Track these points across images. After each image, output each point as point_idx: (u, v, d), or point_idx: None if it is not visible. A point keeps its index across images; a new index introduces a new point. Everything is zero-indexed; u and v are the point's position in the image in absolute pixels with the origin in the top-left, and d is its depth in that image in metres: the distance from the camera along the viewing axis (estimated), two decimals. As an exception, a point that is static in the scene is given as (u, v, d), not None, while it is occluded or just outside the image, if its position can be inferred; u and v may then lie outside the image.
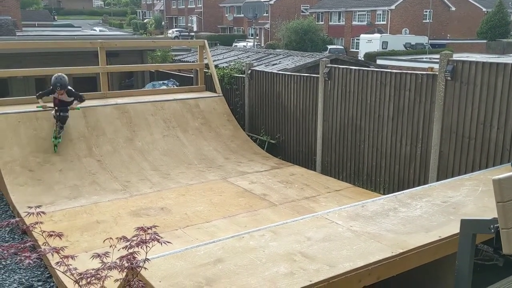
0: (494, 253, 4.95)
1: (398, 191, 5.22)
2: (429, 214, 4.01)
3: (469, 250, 2.86)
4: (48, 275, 5.21)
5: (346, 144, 8.04)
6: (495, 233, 2.65)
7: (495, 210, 2.59)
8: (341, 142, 8.12)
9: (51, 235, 2.94)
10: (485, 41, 42.64)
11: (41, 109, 7.92)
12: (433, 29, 46.65)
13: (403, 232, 3.64)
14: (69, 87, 7.98)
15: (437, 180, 6.22)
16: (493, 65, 5.86)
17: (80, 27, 32.68)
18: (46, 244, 2.88)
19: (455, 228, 3.45)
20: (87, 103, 8.99)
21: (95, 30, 41.01)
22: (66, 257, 2.79)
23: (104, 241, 2.99)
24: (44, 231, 2.94)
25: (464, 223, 2.87)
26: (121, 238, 2.87)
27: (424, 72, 6.92)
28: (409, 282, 3.91)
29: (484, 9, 51.93)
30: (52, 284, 5.05)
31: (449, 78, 6.27)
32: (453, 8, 51.06)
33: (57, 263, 2.86)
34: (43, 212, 3.04)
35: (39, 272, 5.29)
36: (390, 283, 3.53)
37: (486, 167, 5.89)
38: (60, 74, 7.93)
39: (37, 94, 8.09)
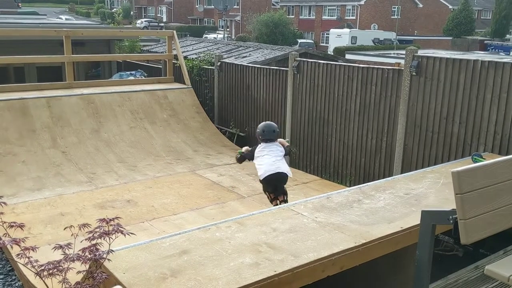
0: (454, 244, 5.12)
1: (363, 183, 5.31)
2: (391, 205, 4.10)
3: (429, 240, 2.93)
4: (10, 268, 5.10)
5: (314, 138, 8.12)
6: (454, 224, 2.73)
7: (455, 202, 2.67)
8: (309, 136, 8.20)
9: (11, 226, 2.87)
10: (450, 38, 43.65)
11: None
12: (401, 25, 47.50)
13: (366, 223, 3.71)
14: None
15: (401, 173, 6.36)
16: (456, 61, 6.02)
17: (46, 15, 31.73)
18: (6, 235, 2.81)
19: (416, 219, 3.53)
20: (51, 92, 8.79)
21: (61, 18, 40.01)
22: (27, 248, 2.74)
23: (65, 228, 2.94)
24: (4, 222, 2.87)
25: (424, 214, 2.95)
26: (83, 225, 2.83)
27: (390, 67, 7.04)
28: (371, 271, 3.99)
29: (450, 7, 53.10)
30: (14, 277, 4.94)
31: (414, 73, 6.40)
32: (421, 5, 52.07)
33: (18, 255, 2.80)
34: (4, 203, 2.97)
35: (1, 266, 5.16)
36: (354, 273, 3.60)
37: (448, 160, 6.06)
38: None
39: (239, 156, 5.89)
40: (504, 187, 2.86)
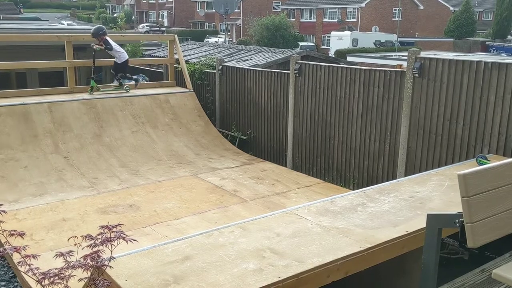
0: (460, 247, 5.07)
1: (367, 186, 5.27)
2: (396, 209, 4.06)
3: (435, 244, 2.89)
4: (12, 274, 5.07)
5: (316, 140, 8.08)
6: (460, 227, 2.70)
7: (460, 205, 2.63)
8: (312, 138, 8.16)
9: (12, 234, 2.84)
10: (452, 39, 43.62)
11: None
12: (402, 27, 47.51)
13: (371, 227, 3.67)
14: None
15: (405, 176, 6.31)
16: (459, 63, 5.98)
17: (47, 20, 31.80)
18: (7, 243, 2.78)
19: (421, 223, 3.50)
20: (53, 98, 8.79)
21: (62, 23, 40.08)
22: (28, 256, 2.70)
23: (69, 239, 2.91)
24: (5, 230, 2.84)
25: (430, 217, 2.91)
26: (86, 236, 2.80)
27: (393, 69, 7.01)
28: (377, 276, 3.95)
29: (451, 8, 53.10)
30: (16, 284, 4.92)
31: (416, 75, 6.36)
32: (422, 7, 52.07)
33: (19, 262, 2.77)
34: (3, 211, 2.94)
35: (3, 272, 5.14)
36: (359, 277, 3.56)
37: (452, 163, 6.01)
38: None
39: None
40: (511, 189, 2.82)
